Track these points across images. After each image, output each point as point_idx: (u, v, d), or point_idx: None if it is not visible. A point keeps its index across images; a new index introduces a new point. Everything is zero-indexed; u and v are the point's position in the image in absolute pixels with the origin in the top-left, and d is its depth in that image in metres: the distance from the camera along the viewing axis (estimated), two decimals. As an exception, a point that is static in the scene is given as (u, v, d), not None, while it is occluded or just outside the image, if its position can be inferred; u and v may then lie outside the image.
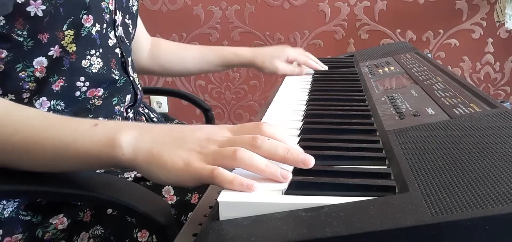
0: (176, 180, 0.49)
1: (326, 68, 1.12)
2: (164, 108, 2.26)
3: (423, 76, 0.84)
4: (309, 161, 0.48)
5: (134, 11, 0.90)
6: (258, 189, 0.44)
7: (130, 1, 0.88)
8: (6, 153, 0.54)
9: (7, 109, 0.57)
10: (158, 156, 0.49)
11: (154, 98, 2.25)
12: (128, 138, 0.51)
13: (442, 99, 0.68)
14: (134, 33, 0.93)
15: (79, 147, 0.52)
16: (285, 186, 0.44)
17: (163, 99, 2.25)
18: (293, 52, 1.13)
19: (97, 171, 0.73)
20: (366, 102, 0.76)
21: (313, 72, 1.11)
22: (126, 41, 0.86)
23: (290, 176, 0.47)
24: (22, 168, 0.57)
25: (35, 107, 0.71)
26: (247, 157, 0.47)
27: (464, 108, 0.61)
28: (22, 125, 0.54)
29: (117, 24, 0.82)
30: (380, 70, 0.98)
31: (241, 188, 0.44)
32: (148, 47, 1.13)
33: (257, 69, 1.15)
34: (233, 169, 0.48)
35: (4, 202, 0.67)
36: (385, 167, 0.50)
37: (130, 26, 0.89)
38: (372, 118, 0.66)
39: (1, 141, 0.53)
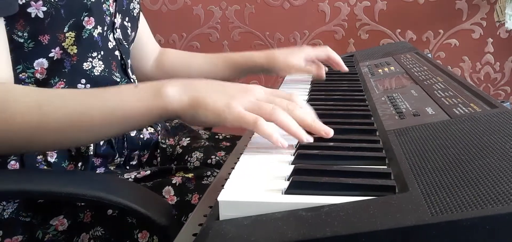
0: (216, 119, 0.57)
1: (346, 69, 1.02)
2: (164, 108, 2.25)
3: (423, 76, 0.84)
4: (330, 131, 0.57)
5: (134, 14, 0.90)
6: (258, 189, 0.44)
7: (131, 4, 0.88)
8: (53, 132, 0.58)
9: (42, 91, 0.61)
10: (202, 99, 0.58)
11: (154, 98, 2.25)
12: (173, 88, 0.59)
13: (442, 99, 0.68)
14: (134, 36, 0.92)
15: (126, 108, 0.59)
16: (285, 185, 0.44)
17: (163, 99, 2.25)
18: (312, 51, 1.02)
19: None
20: (366, 102, 0.76)
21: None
22: (125, 43, 0.86)
23: (312, 139, 0.56)
24: (68, 145, 0.65)
25: None
26: (283, 116, 0.56)
27: (464, 108, 0.61)
28: (63, 101, 0.59)
29: (115, 26, 0.82)
30: (380, 70, 0.98)
31: (276, 142, 0.54)
32: (154, 55, 1.10)
33: (269, 71, 1.03)
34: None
35: (4, 203, 0.67)
36: (385, 166, 0.50)
37: (129, 28, 0.88)
38: (372, 118, 0.66)
39: (45, 120, 0.57)
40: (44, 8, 0.67)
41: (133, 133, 0.83)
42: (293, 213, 0.39)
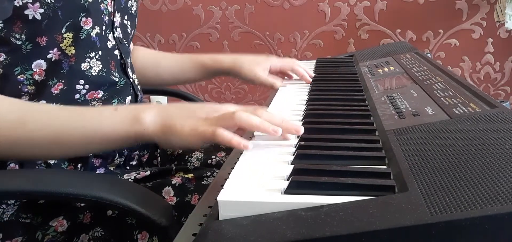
0: (185, 143, 0.60)
1: (310, 79, 1.00)
2: (164, 109, 2.25)
3: (422, 76, 0.84)
4: (300, 129, 0.59)
5: (133, 12, 0.90)
6: (257, 189, 0.44)
7: (129, 1, 0.88)
8: (36, 147, 0.61)
9: (26, 107, 0.64)
10: (172, 126, 0.60)
11: (154, 98, 2.26)
12: (149, 115, 0.62)
13: (442, 99, 0.68)
14: (133, 34, 0.92)
15: (106, 129, 0.62)
16: (285, 185, 0.44)
17: (163, 99, 2.25)
18: (278, 61, 1.04)
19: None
20: (366, 102, 0.76)
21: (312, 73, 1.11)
22: (125, 42, 0.86)
23: (280, 131, 0.58)
24: (49, 159, 0.68)
25: None
26: (244, 116, 0.57)
27: (463, 108, 0.61)
28: (49, 119, 0.62)
29: (115, 25, 0.82)
30: (380, 70, 0.98)
31: (238, 145, 0.55)
32: None
33: (235, 76, 1.05)
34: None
35: (4, 206, 0.67)
36: (385, 166, 0.50)
37: (129, 27, 0.88)
38: (371, 118, 0.66)
39: (30, 136, 0.60)
40: (41, 10, 0.66)
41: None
42: (292, 213, 0.39)
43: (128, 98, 0.83)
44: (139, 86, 0.90)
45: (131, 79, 0.85)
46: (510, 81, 1.99)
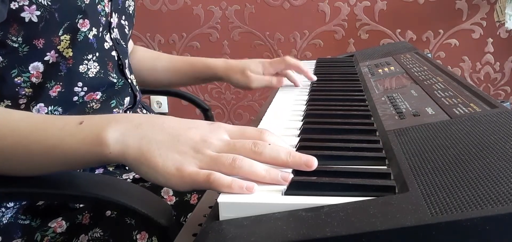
0: (166, 184, 0.48)
1: (315, 78, 0.98)
2: (164, 108, 2.26)
3: (423, 76, 0.84)
4: (312, 162, 0.47)
5: (130, 12, 0.89)
6: (257, 190, 0.44)
7: (127, 1, 0.87)
8: None
9: None
10: (149, 155, 0.48)
11: (154, 98, 2.26)
12: (115, 134, 0.49)
13: (442, 99, 0.68)
14: (131, 34, 0.92)
15: (66, 147, 0.51)
16: (285, 186, 0.44)
17: (163, 99, 2.25)
18: (270, 66, 0.99)
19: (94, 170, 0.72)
20: (366, 102, 0.76)
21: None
22: (123, 43, 0.85)
23: (291, 176, 0.46)
24: (12, 173, 0.56)
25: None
26: (246, 166, 0.46)
27: (464, 108, 0.61)
28: (10, 130, 0.54)
29: (112, 26, 0.81)
30: (380, 70, 0.97)
31: (240, 191, 0.43)
32: (128, 52, 1.09)
33: (229, 83, 1.02)
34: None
35: (3, 209, 0.67)
36: (385, 167, 0.50)
37: (127, 27, 0.88)
38: (372, 118, 0.66)
39: None
40: (38, 12, 0.66)
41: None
42: (293, 213, 0.39)
43: (127, 99, 0.83)
44: (137, 87, 0.90)
45: (129, 80, 0.85)
46: (510, 81, 1.99)
